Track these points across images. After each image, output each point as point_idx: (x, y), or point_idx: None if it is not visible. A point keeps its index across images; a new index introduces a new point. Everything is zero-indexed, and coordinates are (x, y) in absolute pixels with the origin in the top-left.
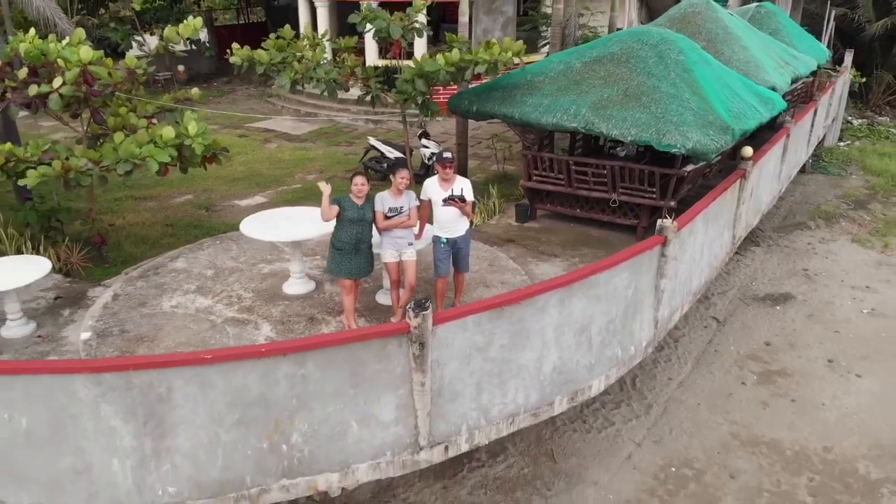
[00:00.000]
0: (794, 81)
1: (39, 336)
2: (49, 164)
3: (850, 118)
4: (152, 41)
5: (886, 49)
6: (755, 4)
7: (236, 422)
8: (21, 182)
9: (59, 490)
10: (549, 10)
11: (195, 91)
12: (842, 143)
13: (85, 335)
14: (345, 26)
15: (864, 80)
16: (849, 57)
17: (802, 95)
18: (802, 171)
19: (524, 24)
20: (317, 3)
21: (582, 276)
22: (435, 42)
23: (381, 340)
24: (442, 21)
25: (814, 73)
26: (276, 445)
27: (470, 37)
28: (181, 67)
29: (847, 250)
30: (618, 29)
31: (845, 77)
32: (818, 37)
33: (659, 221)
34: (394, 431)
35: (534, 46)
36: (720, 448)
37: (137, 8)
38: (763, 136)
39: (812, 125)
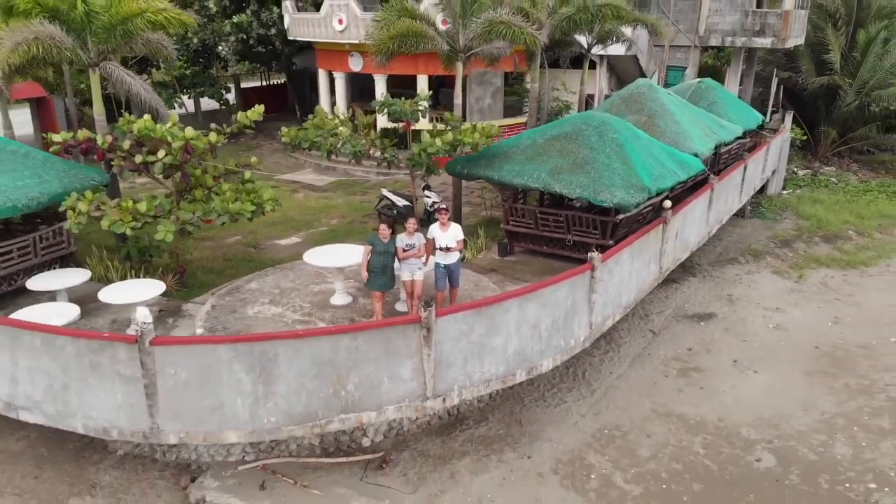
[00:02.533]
0: (718, 146)
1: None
2: (167, 217)
3: (795, 169)
4: (189, 103)
5: (829, 107)
6: (697, 80)
7: (314, 375)
8: (157, 237)
9: (199, 421)
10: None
11: (254, 159)
12: (785, 192)
13: (199, 331)
14: (357, 90)
15: (805, 137)
16: (788, 118)
17: (737, 154)
18: (742, 215)
19: (510, 94)
20: (335, 75)
21: (534, 290)
22: (435, 105)
23: (403, 326)
24: (441, 86)
25: (756, 134)
26: (338, 392)
27: (464, 103)
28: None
29: (767, 280)
30: (588, 95)
31: (784, 135)
32: (765, 96)
33: (589, 254)
34: (410, 385)
35: (518, 111)
36: (642, 418)
37: (176, 73)
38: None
39: (743, 180)
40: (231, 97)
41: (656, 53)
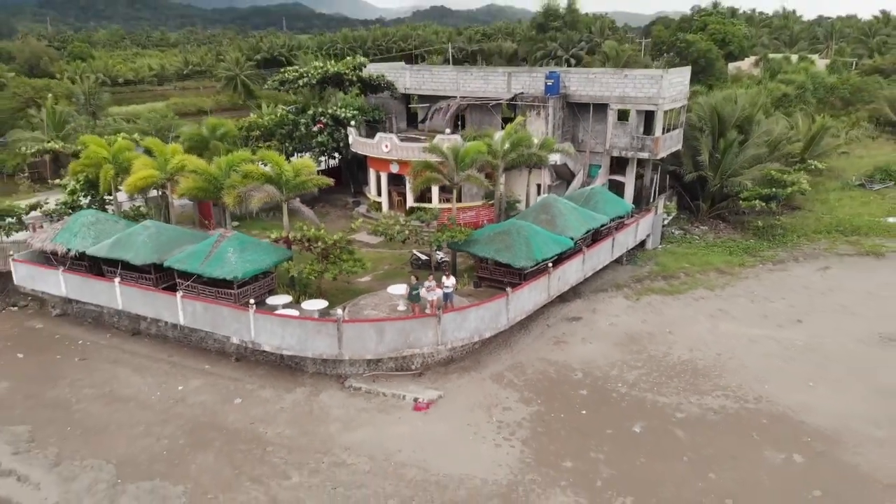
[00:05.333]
0: (592, 229)
1: None
2: (325, 271)
3: (673, 230)
4: None
5: (703, 187)
6: (590, 188)
7: (398, 334)
8: (327, 276)
9: (356, 351)
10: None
11: (351, 236)
12: (660, 246)
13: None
14: (391, 179)
15: (675, 212)
16: (661, 201)
17: (612, 230)
18: (621, 263)
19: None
20: (380, 173)
21: (482, 304)
22: (442, 189)
23: (430, 317)
24: None
25: (644, 211)
26: (405, 340)
27: (459, 191)
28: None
29: (618, 301)
30: (538, 184)
31: (658, 212)
32: (661, 182)
33: (507, 289)
34: (432, 339)
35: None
36: (531, 360)
37: None
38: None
39: (613, 245)
40: None
41: (581, 156)
